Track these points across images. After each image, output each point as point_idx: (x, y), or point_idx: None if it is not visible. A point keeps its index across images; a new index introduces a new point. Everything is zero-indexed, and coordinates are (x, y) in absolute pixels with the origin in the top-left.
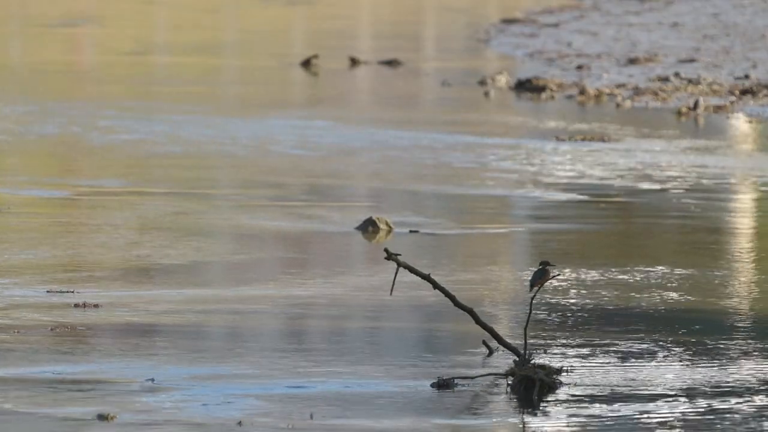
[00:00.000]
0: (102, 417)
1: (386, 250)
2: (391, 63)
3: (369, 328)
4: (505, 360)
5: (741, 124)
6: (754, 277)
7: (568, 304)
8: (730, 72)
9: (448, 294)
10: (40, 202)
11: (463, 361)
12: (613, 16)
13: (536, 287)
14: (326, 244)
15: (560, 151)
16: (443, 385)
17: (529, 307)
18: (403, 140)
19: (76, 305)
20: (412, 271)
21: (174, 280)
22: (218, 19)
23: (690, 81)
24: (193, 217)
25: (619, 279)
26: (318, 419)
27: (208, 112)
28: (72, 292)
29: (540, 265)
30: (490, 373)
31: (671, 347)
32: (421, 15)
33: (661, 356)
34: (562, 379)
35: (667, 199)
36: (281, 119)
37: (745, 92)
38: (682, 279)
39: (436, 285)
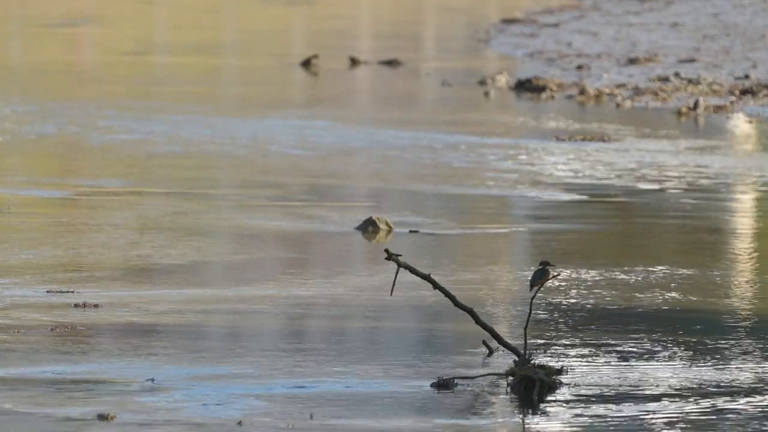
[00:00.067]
0: (102, 417)
1: (387, 251)
2: (391, 63)
3: (369, 328)
4: (505, 360)
5: (741, 124)
6: (754, 277)
7: (568, 304)
8: (730, 72)
9: (448, 294)
10: (40, 202)
11: (463, 361)
12: (613, 16)
13: (536, 287)
14: (326, 244)
15: (560, 151)
16: (443, 385)
17: (529, 307)
18: (402, 140)
19: (76, 305)
20: (413, 272)
21: (174, 280)
22: (218, 19)
23: (690, 81)
24: (193, 217)
25: (619, 279)
26: (318, 419)
27: (208, 112)
28: (72, 292)
29: (540, 265)
30: (490, 373)
31: (671, 347)
32: (421, 15)
33: (661, 356)
34: (562, 379)
35: (667, 198)
36: (281, 119)
37: (745, 92)
38: (682, 279)
39: (436, 285)
